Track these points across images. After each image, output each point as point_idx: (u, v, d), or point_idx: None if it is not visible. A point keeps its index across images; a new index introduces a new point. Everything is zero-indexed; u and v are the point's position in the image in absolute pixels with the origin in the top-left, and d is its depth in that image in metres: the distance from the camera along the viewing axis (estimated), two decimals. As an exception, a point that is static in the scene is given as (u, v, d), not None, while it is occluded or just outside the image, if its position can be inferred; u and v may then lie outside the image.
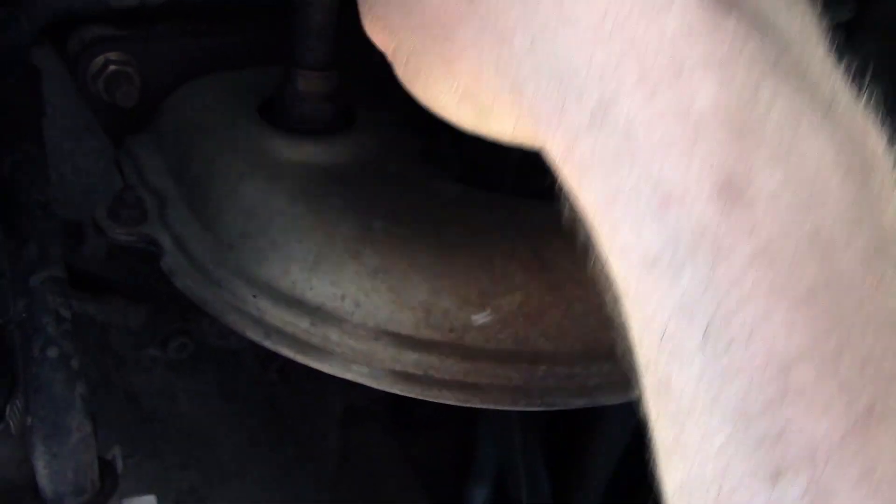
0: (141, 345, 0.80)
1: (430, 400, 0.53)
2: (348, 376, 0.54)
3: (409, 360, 0.53)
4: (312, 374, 0.55)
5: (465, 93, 0.38)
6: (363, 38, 0.46)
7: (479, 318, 0.54)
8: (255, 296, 0.56)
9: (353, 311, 0.54)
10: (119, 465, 0.55)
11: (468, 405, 0.54)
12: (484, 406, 0.54)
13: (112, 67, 0.65)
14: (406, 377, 0.53)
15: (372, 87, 0.58)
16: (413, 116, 0.53)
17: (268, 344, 0.55)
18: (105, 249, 0.78)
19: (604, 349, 0.55)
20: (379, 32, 0.44)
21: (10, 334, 0.55)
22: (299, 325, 0.55)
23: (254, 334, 0.56)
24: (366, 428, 0.94)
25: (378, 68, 0.47)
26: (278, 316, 0.55)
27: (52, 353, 0.51)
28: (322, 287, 0.55)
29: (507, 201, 0.62)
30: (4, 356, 0.57)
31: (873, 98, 0.34)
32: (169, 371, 0.82)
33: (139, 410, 0.82)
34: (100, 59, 0.65)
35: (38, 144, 0.61)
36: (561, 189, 0.35)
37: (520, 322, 0.54)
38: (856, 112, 0.32)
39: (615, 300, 0.32)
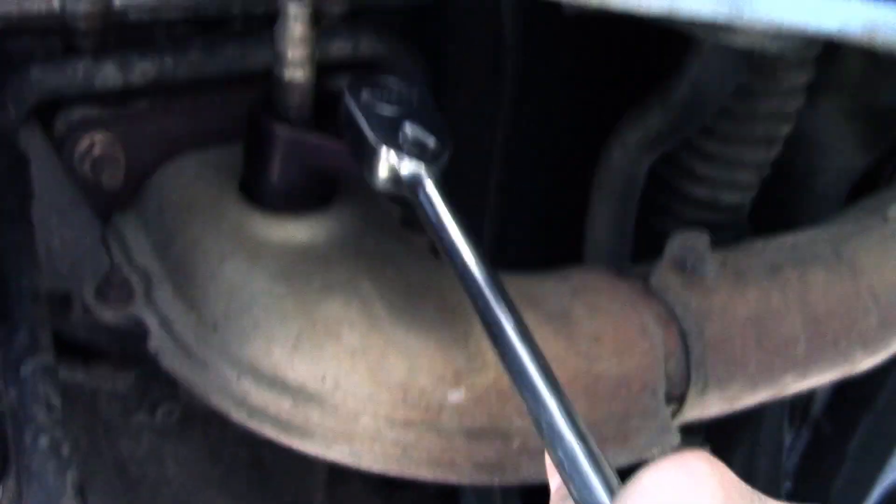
0: (129, 411, 0.82)
1: (409, 477, 0.55)
2: (330, 457, 0.56)
3: (388, 438, 0.55)
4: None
5: None
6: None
7: (454, 396, 0.56)
8: (238, 377, 0.58)
9: (333, 391, 0.56)
10: (109, 543, 0.57)
11: (446, 482, 0.56)
12: (461, 482, 0.56)
13: (98, 150, 0.67)
14: (385, 456, 0.55)
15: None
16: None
17: (251, 425, 0.57)
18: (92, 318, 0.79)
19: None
20: None
21: (2, 420, 0.57)
22: (282, 405, 0.57)
23: (237, 415, 0.58)
24: (351, 486, 0.95)
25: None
26: (260, 397, 0.57)
27: (44, 442, 0.52)
28: (303, 367, 0.57)
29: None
30: (-3, 440, 0.58)
31: None
32: (157, 436, 0.83)
33: (128, 478, 0.84)
34: (86, 141, 0.67)
35: (27, 231, 0.62)
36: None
37: (493, 399, 0.56)
38: None
39: None
